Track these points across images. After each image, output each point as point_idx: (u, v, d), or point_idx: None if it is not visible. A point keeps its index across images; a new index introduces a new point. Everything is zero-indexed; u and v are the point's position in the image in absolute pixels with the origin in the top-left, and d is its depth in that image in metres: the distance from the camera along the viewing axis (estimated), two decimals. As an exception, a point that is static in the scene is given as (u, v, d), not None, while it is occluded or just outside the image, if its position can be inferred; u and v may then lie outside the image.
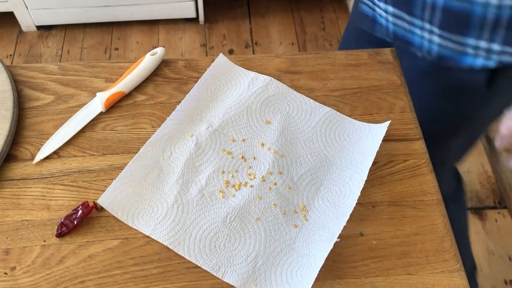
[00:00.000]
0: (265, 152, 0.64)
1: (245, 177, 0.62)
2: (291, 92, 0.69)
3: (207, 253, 0.56)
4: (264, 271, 0.55)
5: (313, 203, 0.60)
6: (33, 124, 0.66)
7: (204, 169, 0.62)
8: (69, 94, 0.69)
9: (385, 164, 0.64)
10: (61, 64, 0.72)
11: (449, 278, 0.55)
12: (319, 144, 0.65)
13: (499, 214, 1.45)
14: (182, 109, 0.66)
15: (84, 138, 0.65)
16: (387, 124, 0.63)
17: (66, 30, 1.86)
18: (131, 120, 0.67)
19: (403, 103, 0.70)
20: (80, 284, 0.54)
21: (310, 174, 0.62)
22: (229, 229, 0.57)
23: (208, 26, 1.89)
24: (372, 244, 0.58)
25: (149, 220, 0.58)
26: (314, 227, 0.58)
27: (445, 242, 0.58)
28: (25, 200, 0.59)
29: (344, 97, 0.70)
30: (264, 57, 0.74)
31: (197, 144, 0.64)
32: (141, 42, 1.84)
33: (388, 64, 0.74)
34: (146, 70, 0.70)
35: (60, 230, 0.57)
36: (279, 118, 0.67)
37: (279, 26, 1.90)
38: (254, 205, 0.59)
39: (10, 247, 0.56)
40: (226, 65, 0.71)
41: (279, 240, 0.57)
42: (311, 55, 0.74)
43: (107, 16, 1.81)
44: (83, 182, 0.61)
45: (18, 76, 0.70)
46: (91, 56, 1.79)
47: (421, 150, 0.65)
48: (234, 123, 0.66)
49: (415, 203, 0.61)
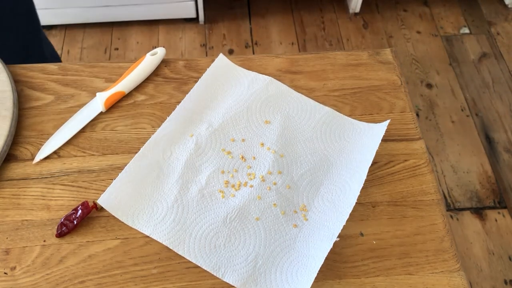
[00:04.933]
0: (265, 152, 0.64)
1: (245, 177, 0.62)
2: (291, 92, 0.69)
3: (207, 253, 0.56)
4: (264, 271, 0.55)
5: (313, 203, 0.60)
6: (33, 124, 0.66)
7: (204, 169, 0.62)
8: (69, 94, 0.69)
9: (385, 164, 0.64)
10: (61, 64, 0.72)
11: (449, 278, 0.55)
12: (319, 144, 0.65)
13: (499, 214, 1.45)
14: (182, 109, 0.66)
15: (84, 138, 0.65)
16: (387, 123, 0.63)
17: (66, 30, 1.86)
18: (131, 120, 0.67)
19: (403, 103, 0.70)
20: (80, 284, 0.54)
21: (310, 174, 0.62)
22: (229, 229, 0.57)
23: (208, 26, 1.89)
24: (372, 244, 0.58)
25: (149, 220, 0.58)
26: (314, 227, 0.58)
27: (445, 242, 0.58)
28: (25, 200, 0.59)
29: (344, 97, 0.70)
30: (264, 57, 0.74)
31: (197, 144, 0.64)
32: (141, 42, 1.83)
33: (388, 64, 0.74)
34: (146, 70, 0.70)
35: (60, 230, 0.57)
36: (279, 118, 0.67)
37: (279, 26, 1.90)
38: (254, 205, 0.59)
39: (10, 247, 0.56)
40: (226, 65, 0.71)
41: (279, 240, 0.57)
42: (311, 55, 0.74)
43: (107, 16, 1.81)
44: (83, 182, 0.61)
45: (18, 76, 0.70)
46: (91, 56, 1.79)
47: (421, 150, 0.65)
48: (234, 123, 0.66)
49: (415, 203, 0.61)
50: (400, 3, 1.99)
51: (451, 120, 1.65)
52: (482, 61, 1.81)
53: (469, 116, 1.66)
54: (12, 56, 0.82)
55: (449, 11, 1.97)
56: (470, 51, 1.84)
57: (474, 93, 1.72)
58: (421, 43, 1.86)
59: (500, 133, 1.62)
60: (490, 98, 1.70)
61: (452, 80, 1.75)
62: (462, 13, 1.96)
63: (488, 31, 1.90)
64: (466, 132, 1.62)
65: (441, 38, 1.88)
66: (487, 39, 1.87)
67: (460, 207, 1.46)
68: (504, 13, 1.97)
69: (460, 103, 1.69)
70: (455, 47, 1.85)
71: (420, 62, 1.80)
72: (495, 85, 1.74)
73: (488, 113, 1.67)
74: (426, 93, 1.72)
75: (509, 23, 1.93)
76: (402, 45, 1.85)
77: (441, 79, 1.76)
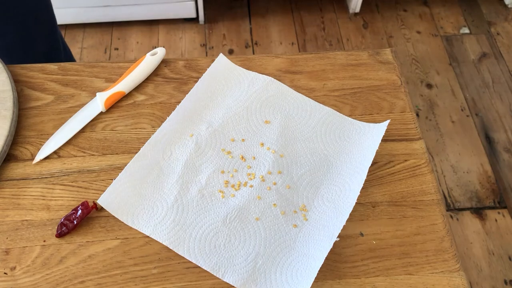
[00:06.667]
0: (264, 152, 0.64)
1: (245, 177, 0.62)
2: (291, 92, 0.69)
3: (207, 253, 0.56)
4: (264, 271, 0.55)
5: (313, 203, 0.60)
6: (33, 124, 0.66)
7: (204, 169, 0.62)
8: (69, 94, 0.69)
9: (385, 164, 0.64)
10: (61, 64, 0.72)
11: (449, 278, 0.55)
12: (319, 144, 0.65)
13: (499, 214, 1.45)
14: (182, 109, 0.66)
15: (84, 138, 0.65)
16: (387, 123, 0.63)
17: (66, 30, 1.86)
18: (131, 120, 0.67)
19: (403, 103, 0.70)
20: (80, 284, 0.54)
21: (310, 174, 0.62)
22: (229, 229, 0.57)
23: (208, 26, 1.89)
24: (372, 244, 0.58)
25: (149, 220, 0.58)
26: (314, 227, 0.58)
27: (445, 242, 0.58)
28: (25, 200, 0.59)
29: (344, 97, 0.70)
30: (264, 57, 0.74)
31: (197, 144, 0.64)
32: (141, 42, 1.83)
33: (388, 64, 0.74)
34: (146, 70, 0.70)
35: (60, 230, 0.57)
36: (279, 118, 0.67)
37: (279, 26, 1.90)
38: (254, 205, 0.59)
39: (10, 247, 0.56)
40: (226, 65, 0.71)
41: (279, 240, 0.57)
42: (311, 55, 0.74)
43: (107, 16, 1.81)
44: (83, 182, 0.61)
45: (18, 76, 0.70)
46: (91, 56, 1.79)
47: (421, 150, 0.65)
48: (234, 123, 0.66)
49: (415, 203, 0.61)
50: (400, 3, 1.99)
51: (451, 120, 1.65)
52: (482, 61, 1.81)
53: (469, 116, 1.66)
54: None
55: (449, 11, 1.97)
56: (470, 51, 1.84)
57: (474, 93, 1.72)
58: (421, 43, 1.86)
59: (500, 133, 1.62)
60: (490, 98, 1.70)
61: (452, 80, 1.75)
62: (462, 13, 1.96)
63: (488, 31, 1.90)
64: (466, 132, 1.62)
65: (441, 38, 1.88)
66: (487, 39, 1.87)
67: (460, 207, 1.46)
68: (504, 13, 1.97)
69: (460, 103, 1.69)
70: (455, 47, 1.85)
71: (420, 62, 1.80)
72: (495, 85, 1.74)
73: (488, 113, 1.67)
74: (426, 93, 1.72)
75: (509, 23, 1.93)
76: (402, 45, 1.85)
77: (441, 79, 1.76)
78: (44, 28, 0.97)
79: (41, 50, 0.98)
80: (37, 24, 0.94)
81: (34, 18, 0.92)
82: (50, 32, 1.00)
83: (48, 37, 0.99)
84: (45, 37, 0.98)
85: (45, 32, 0.98)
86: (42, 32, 0.97)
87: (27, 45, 0.94)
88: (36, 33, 0.95)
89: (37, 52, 0.97)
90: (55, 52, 1.03)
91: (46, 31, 0.98)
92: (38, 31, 0.95)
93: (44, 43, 0.99)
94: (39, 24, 0.95)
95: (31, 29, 0.92)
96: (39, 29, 0.95)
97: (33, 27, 0.93)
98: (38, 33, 0.95)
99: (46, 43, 0.99)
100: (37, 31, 0.95)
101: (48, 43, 1.00)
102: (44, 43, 0.98)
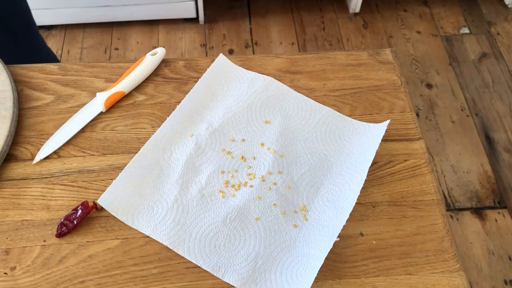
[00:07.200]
0: (265, 152, 0.64)
1: (245, 177, 0.62)
2: (291, 92, 0.69)
3: (207, 253, 0.56)
4: (264, 271, 0.55)
5: (313, 203, 0.60)
6: (33, 124, 0.66)
7: (204, 169, 0.62)
8: (69, 94, 0.69)
9: (385, 164, 0.64)
10: (61, 64, 0.72)
11: (449, 278, 0.55)
12: (319, 144, 0.65)
13: (499, 214, 1.45)
14: (182, 109, 0.66)
15: (84, 138, 0.65)
16: (387, 123, 0.63)
17: (66, 30, 1.86)
18: (131, 120, 0.67)
19: (403, 103, 0.70)
20: (80, 284, 0.54)
21: (310, 174, 0.62)
22: (229, 229, 0.57)
23: (208, 26, 1.89)
24: (372, 244, 0.58)
25: (149, 220, 0.58)
26: (314, 227, 0.58)
27: (445, 242, 0.58)
28: (25, 200, 0.59)
29: (344, 97, 0.70)
30: (264, 57, 0.74)
31: (197, 144, 0.64)
32: (141, 42, 1.84)
33: (388, 64, 0.74)
34: (146, 70, 0.70)
35: (60, 230, 0.57)
36: (279, 118, 0.67)
37: (279, 26, 1.90)
38: (254, 205, 0.59)
39: (10, 247, 0.56)
40: (226, 65, 0.71)
41: (279, 240, 0.57)
42: (311, 55, 0.74)
43: (107, 16, 1.81)
44: (83, 182, 0.61)
45: (18, 76, 0.70)
46: (91, 56, 1.79)
47: (421, 150, 0.65)
48: (234, 123, 0.66)
49: (415, 203, 0.61)
50: (400, 3, 1.99)
51: (451, 120, 1.65)
52: (482, 61, 1.81)
53: (469, 116, 1.66)
54: (12, 60, 0.83)
55: (449, 11, 1.97)
56: (470, 51, 1.84)
57: (474, 93, 1.72)
58: (421, 43, 1.86)
59: (500, 133, 1.62)
60: (490, 98, 1.70)
61: (452, 80, 1.75)
62: (462, 13, 1.96)
63: (488, 31, 1.90)
64: (466, 132, 1.62)
65: (441, 38, 1.88)
66: (487, 39, 1.87)
67: (460, 207, 1.46)
68: (504, 13, 1.97)
69: (460, 103, 1.69)
70: (455, 47, 1.85)
71: (420, 62, 1.80)
72: (495, 85, 1.74)
73: (488, 113, 1.67)
74: (426, 93, 1.72)
75: (509, 23, 1.93)
76: (402, 45, 1.85)
77: (441, 79, 1.76)
78: (20, 23, 0.96)
79: (20, 46, 0.98)
80: (13, 20, 0.93)
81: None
82: (28, 28, 0.99)
83: (25, 33, 0.99)
84: (22, 33, 0.98)
85: (22, 28, 0.97)
86: (18, 28, 0.96)
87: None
88: (12, 27, 0.94)
89: (15, 49, 0.97)
90: (33, 50, 1.03)
91: (23, 27, 0.97)
92: (14, 25, 0.94)
93: (23, 38, 0.98)
94: (15, 20, 0.94)
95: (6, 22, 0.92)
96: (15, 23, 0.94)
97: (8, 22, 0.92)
98: (15, 28, 0.95)
99: (24, 38, 0.99)
100: (13, 25, 0.94)
101: (26, 38, 0.99)
102: (22, 39, 0.98)
